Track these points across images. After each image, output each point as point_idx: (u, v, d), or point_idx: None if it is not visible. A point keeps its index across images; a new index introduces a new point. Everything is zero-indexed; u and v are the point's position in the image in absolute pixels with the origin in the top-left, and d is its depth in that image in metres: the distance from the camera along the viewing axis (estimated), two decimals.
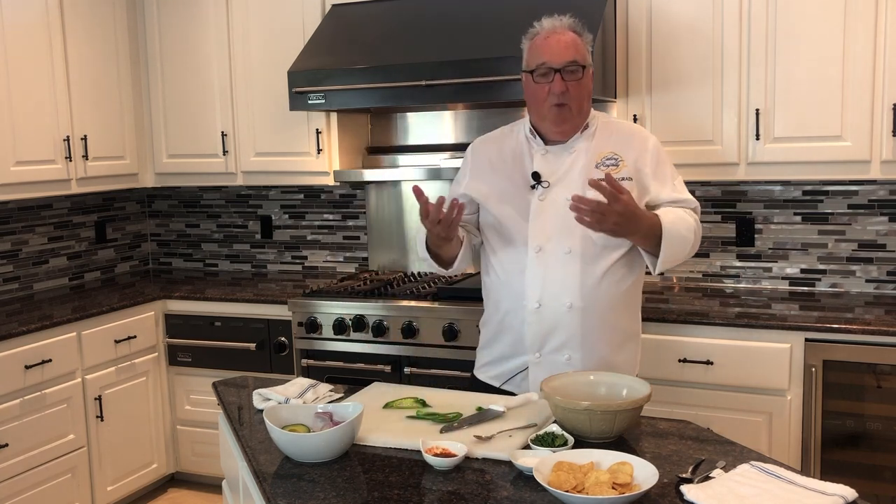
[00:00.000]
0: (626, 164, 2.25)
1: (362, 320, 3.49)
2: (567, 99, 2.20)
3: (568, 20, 2.26)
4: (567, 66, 2.18)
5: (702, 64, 3.26)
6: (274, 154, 4.02)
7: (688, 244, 2.24)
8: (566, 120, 2.24)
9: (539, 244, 2.25)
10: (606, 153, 2.26)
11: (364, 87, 3.46)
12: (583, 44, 2.24)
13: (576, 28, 2.25)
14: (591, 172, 2.22)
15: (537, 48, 2.23)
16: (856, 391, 2.89)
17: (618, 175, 2.19)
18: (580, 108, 2.24)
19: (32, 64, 3.63)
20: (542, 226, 2.25)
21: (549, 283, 2.23)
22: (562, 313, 2.23)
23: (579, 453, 1.68)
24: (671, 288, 3.66)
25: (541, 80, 2.21)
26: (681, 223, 2.21)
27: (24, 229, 4.07)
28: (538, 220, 2.26)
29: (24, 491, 3.27)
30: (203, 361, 3.89)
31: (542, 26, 2.26)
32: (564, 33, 2.22)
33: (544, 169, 2.28)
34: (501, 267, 2.33)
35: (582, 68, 2.20)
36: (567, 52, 2.19)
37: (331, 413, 1.92)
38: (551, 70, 2.19)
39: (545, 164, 2.28)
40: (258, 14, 3.96)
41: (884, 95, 3.03)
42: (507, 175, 2.32)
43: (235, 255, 4.64)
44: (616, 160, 2.26)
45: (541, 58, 2.21)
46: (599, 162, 2.25)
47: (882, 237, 3.43)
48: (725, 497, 1.53)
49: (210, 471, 3.96)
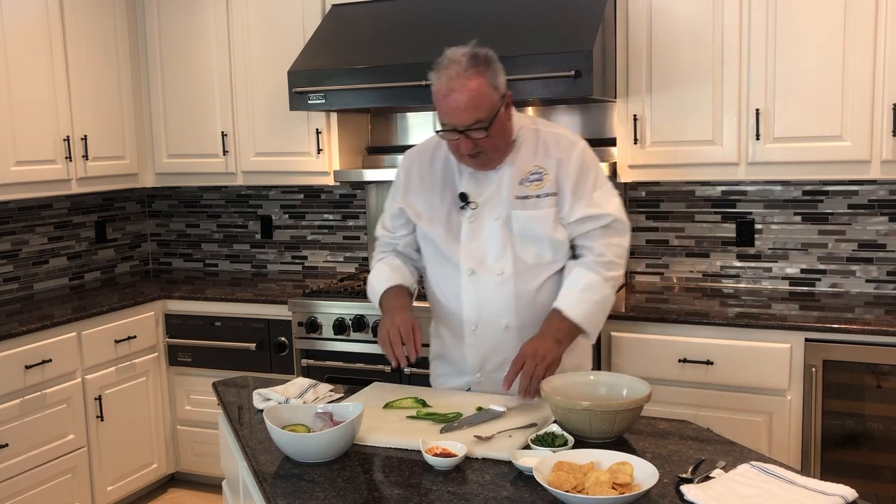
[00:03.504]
0: (550, 177, 2.19)
1: (362, 320, 3.49)
2: (480, 149, 2.11)
3: (468, 58, 2.04)
4: (470, 127, 2.06)
5: (702, 64, 3.26)
6: (274, 154, 4.01)
7: (607, 303, 2.21)
8: (484, 164, 2.18)
9: (471, 267, 2.23)
10: (531, 167, 2.19)
11: (364, 87, 3.46)
12: (486, 88, 2.04)
13: (477, 63, 2.05)
14: (516, 189, 2.18)
15: (439, 106, 2.08)
16: (856, 391, 2.89)
17: (541, 190, 2.17)
18: (497, 148, 2.15)
19: (32, 64, 3.63)
20: (474, 249, 2.22)
21: (485, 306, 2.23)
22: (499, 334, 2.24)
23: (579, 453, 1.68)
24: (671, 288, 3.67)
25: (448, 137, 2.12)
26: (588, 296, 2.16)
27: (24, 229, 4.07)
28: (469, 242, 2.23)
29: (24, 491, 3.27)
30: (203, 361, 3.89)
31: (442, 70, 2.06)
32: (463, 87, 2.02)
33: (472, 189, 2.22)
34: (439, 288, 2.33)
35: (489, 121, 2.06)
36: (466, 114, 2.04)
37: (331, 413, 1.92)
38: (456, 130, 2.08)
39: (473, 183, 2.23)
40: (258, 14, 3.96)
41: (884, 95, 3.03)
42: (438, 192, 2.27)
43: (235, 255, 4.64)
44: (540, 174, 2.19)
45: (443, 118, 2.09)
46: (524, 178, 2.19)
47: (882, 237, 3.42)
48: (725, 497, 1.53)
49: (210, 471, 3.96)
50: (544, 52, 3.13)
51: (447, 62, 2.06)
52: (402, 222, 2.36)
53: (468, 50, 2.07)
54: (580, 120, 3.77)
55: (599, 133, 3.73)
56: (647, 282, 3.79)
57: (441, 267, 2.30)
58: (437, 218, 2.27)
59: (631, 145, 3.40)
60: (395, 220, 2.38)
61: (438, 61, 2.08)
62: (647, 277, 3.80)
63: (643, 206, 3.77)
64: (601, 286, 2.18)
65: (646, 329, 3.14)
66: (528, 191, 2.19)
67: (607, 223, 2.21)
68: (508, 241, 2.20)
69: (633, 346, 3.15)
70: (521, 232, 2.20)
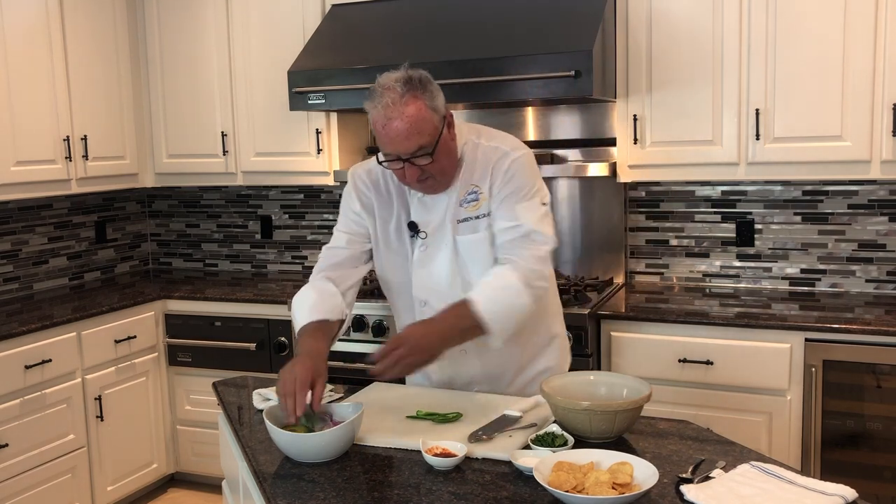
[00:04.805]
0: (484, 196, 2.10)
1: (362, 320, 3.49)
2: (427, 174, 2.03)
3: (402, 83, 1.96)
4: (414, 154, 1.98)
5: (702, 64, 3.26)
6: (274, 154, 4.02)
7: (523, 311, 2.03)
8: (434, 188, 2.10)
9: (423, 298, 2.18)
10: (469, 187, 2.11)
11: (364, 87, 3.42)
12: (426, 112, 1.96)
13: (413, 88, 1.97)
14: (457, 212, 2.11)
15: (379, 136, 1.99)
16: (856, 391, 2.89)
17: (478, 211, 2.10)
18: (444, 171, 2.07)
19: (32, 64, 3.63)
20: (426, 280, 2.16)
21: None
22: (458, 359, 2.18)
23: (579, 453, 1.68)
24: (671, 288, 3.67)
25: (393, 166, 2.04)
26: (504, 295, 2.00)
27: (24, 229, 4.07)
28: (420, 272, 2.16)
29: (24, 491, 3.27)
30: (203, 361, 3.89)
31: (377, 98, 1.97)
32: (402, 114, 1.94)
33: (421, 217, 2.15)
34: (397, 314, 2.30)
35: (433, 146, 1.98)
36: (409, 142, 1.95)
37: (331, 413, 1.92)
38: (400, 159, 1.99)
39: (422, 209, 2.15)
40: (258, 14, 3.96)
41: (884, 95, 3.03)
42: (392, 213, 2.19)
43: (235, 255, 4.64)
44: (476, 194, 2.11)
45: (385, 147, 2.00)
46: (462, 199, 2.11)
47: (882, 237, 3.42)
48: (725, 497, 1.53)
49: (210, 471, 3.96)
50: (544, 52, 3.13)
51: (381, 90, 1.97)
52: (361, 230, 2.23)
53: (401, 74, 1.98)
54: (580, 120, 3.77)
55: (599, 133, 3.73)
56: (647, 282, 3.79)
57: (396, 296, 2.25)
58: (390, 244, 2.19)
59: (631, 145, 3.40)
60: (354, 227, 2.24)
61: (372, 89, 2.00)
62: (646, 277, 3.80)
63: (643, 206, 3.77)
64: (520, 292, 2.01)
65: (646, 329, 3.14)
66: (467, 212, 2.11)
67: (526, 233, 2.07)
68: (457, 269, 2.14)
69: (633, 346, 3.15)
70: (467, 256, 2.13)
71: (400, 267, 2.20)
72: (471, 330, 1.99)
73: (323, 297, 2.14)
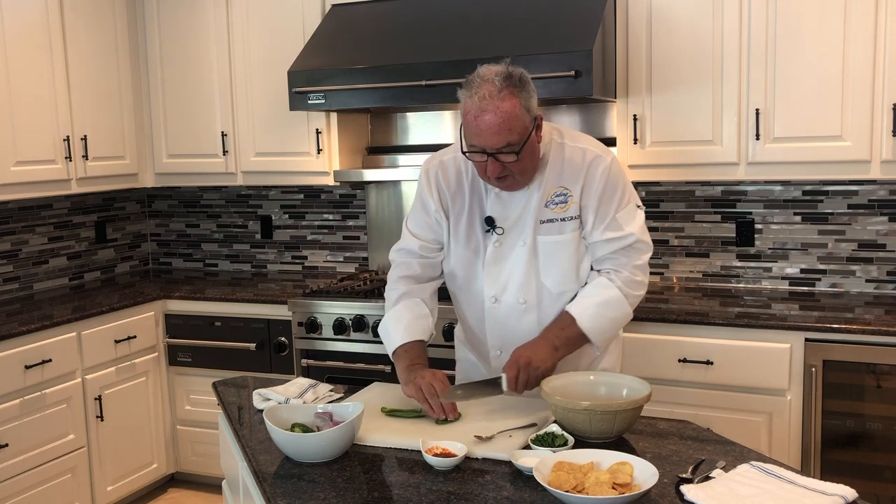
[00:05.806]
0: (574, 199, 2.12)
1: (362, 320, 3.49)
2: (507, 172, 2.03)
3: (502, 78, 1.96)
4: (500, 150, 1.98)
5: (702, 64, 3.26)
6: (274, 154, 4.02)
7: (623, 321, 2.19)
8: (511, 186, 2.10)
9: (494, 295, 2.19)
10: (556, 188, 2.12)
11: (364, 87, 3.46)
12: (520, 110, 1.96)
13: (511, 84, 1.96)
14: (541, 213, 2.12)
15: (468, 126, 1.99)
16: (856, 391, 2.89)
17: (566, 213, 2.11)
18: (525, 171, 2.06)
19: (32, 64, 3.63)
20: (497, 276, 2.18)
21: (508, 333, 2.21)
22: None
23: (579, 453, 1.68)
24: (671, 288, 3.67)
25: (476, 158, 2.03)
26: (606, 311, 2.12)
27: (24, 229, 4.07)
28: (493, 268, 2.18)
29: (24, 491, 3.27)
30: (203, 361, 3.89)
31: (473, 89, 1.97)
32: (496, 109, 1.93)
33: (498, 212, 2.15)
34: (461, 311, 2.32)
35: (521, 145, 1.98)
36: (498, 137, 1.95)
37: (331, 413, 1.92)
38: (485, 152, 1.99)
39: (499, 205, 2.15)
40: (258, 14, 3.96)
41: (884, 95, 3.03)
42: (467, 208, 2.18)
43: (235, 255, 4.64)
44: (565, 196, 2.12)
45: (472, 139, 1.99)
46: (549, 200, 2.12)
47: (882, 237, 3.43)
48: (725, 497, 1.53)
49: (210, 471, 3.96)
50: (544, 51, 3.13)
51: (479, 81, 1.97)
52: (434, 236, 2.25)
53: (502, 68, 1.98)
54: (580, 120, 3.77)
55: (599, 133, 3.73)
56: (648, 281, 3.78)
57: (464, 292, 2.26)
58: (463, 238, 2.19)
59: (631, 145, 3.40)
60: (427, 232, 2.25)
61: (469, 79, 1.99)
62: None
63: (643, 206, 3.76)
64: (621, 304, 2.14)
65: (646, 329, 3.14)
66: (553, 213, 2.12)
67: (630, 244, 2.15)
68: (533, 269, 2.15)
69: (633, 346, 3.14)
70: (546, 257, 2.14)
71: (468, 261, 2.21)
72: (576, 341, 2.12)
73: (417, 317, 2.21)
